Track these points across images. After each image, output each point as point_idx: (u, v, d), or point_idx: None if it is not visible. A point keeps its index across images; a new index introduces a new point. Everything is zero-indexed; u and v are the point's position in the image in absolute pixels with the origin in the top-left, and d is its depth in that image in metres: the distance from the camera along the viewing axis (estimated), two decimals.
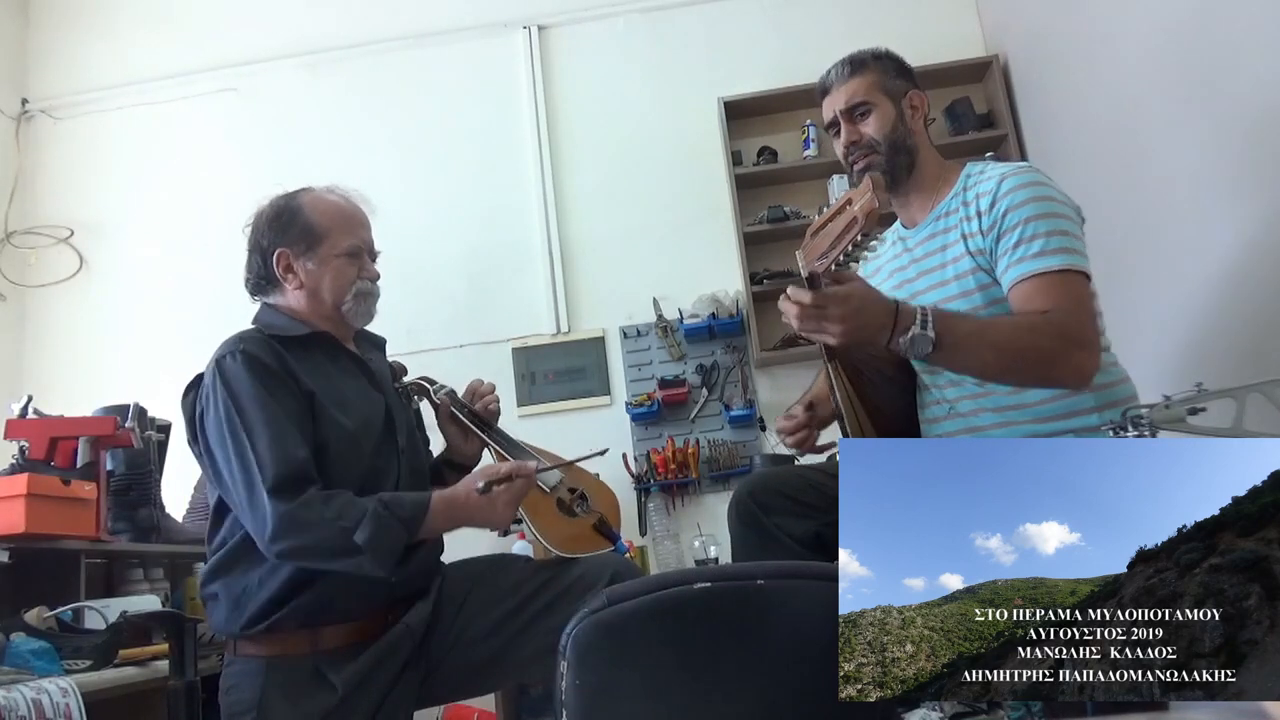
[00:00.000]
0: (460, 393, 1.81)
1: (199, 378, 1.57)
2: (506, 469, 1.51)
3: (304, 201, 1.69)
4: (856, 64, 1.68)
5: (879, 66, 1.68)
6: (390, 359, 1.85)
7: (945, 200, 1.63)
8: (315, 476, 1.47)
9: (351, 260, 1.67)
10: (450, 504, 1.50)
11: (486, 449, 1.78)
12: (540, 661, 1.48)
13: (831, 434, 1.78)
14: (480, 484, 1.46)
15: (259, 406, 1.47)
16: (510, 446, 1.76)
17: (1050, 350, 1.38)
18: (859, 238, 1.24)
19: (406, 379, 1.82)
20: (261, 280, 1.69)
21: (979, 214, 1.54)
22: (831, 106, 1.69)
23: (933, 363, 1.41)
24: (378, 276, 1.72)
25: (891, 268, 1.74)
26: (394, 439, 1.65)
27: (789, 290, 1.35)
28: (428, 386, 1.81)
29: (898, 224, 1.76)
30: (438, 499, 1.49)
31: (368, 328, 1.81)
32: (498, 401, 1.82)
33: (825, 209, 1.36)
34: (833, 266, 1.31)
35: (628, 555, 1.92)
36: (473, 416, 1.76)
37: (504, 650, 1.55)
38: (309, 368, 1.58)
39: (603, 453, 1.72)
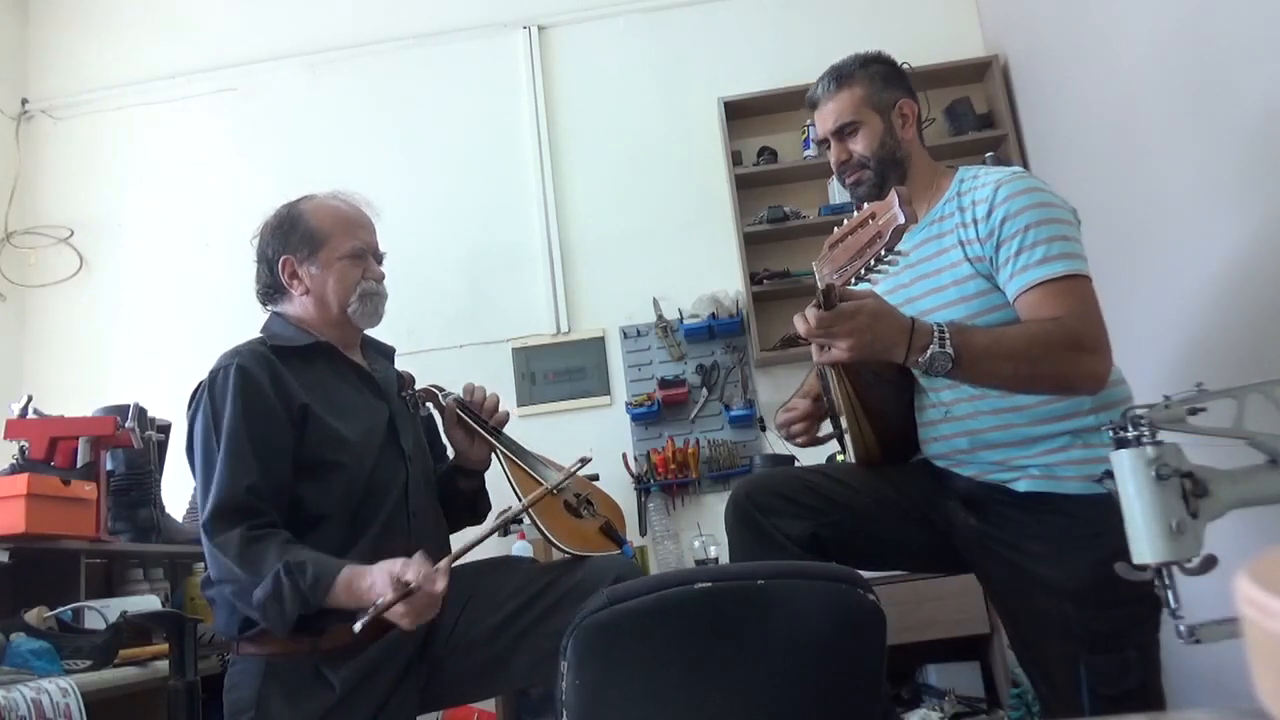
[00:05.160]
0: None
1: (200, 386, 1.59)
2: (412, 575, 1.35)
3: (305, 208, 1.70)
4: (843, 77, 1.65)
5: (866, 77, 1.65)
6: (397, 368, 1.86)
7: (939, 206, 1.62)
8: (260, 507, 1.48)
9: (355, 262, 1.68)
10: (353, 586, 1.40)
11: (494, 453, 1.79)
12: (542, 665, 1.47)
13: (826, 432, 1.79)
14: (356, 627, 1.31)
15: (231, 429, 1.49)
16: (520, 454, 1.78)
17: (1063, 357, 1.37)
18: (881, 253, 1.21)
19: (416, 388, 1.82)
20: (269, 289, 1.72)
21: (975, 221, 1.53)
22: (821, 125, 1.68)
23: (951, 379, 1.39)
24: (382, 277, 1.73)
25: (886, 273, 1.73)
26: (398, 447, 1.66)
27: (802, 313, 1.31)
28: (436, 392, 1.82)
29: None
30: (344, 576, 1.40)
31: (376, 335, 1.83)
32: (497, 401, 1.83)
33: (846, 220, 1.33)
34: (852, 280, 1.27)
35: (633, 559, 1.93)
36: (481, 422, 1.77)
37: (506, 653, 1.54)
38: (308, 379, 1.59)
39: (584, 462, 1.74)
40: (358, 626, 1.31)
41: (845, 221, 1.33)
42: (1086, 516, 1.43)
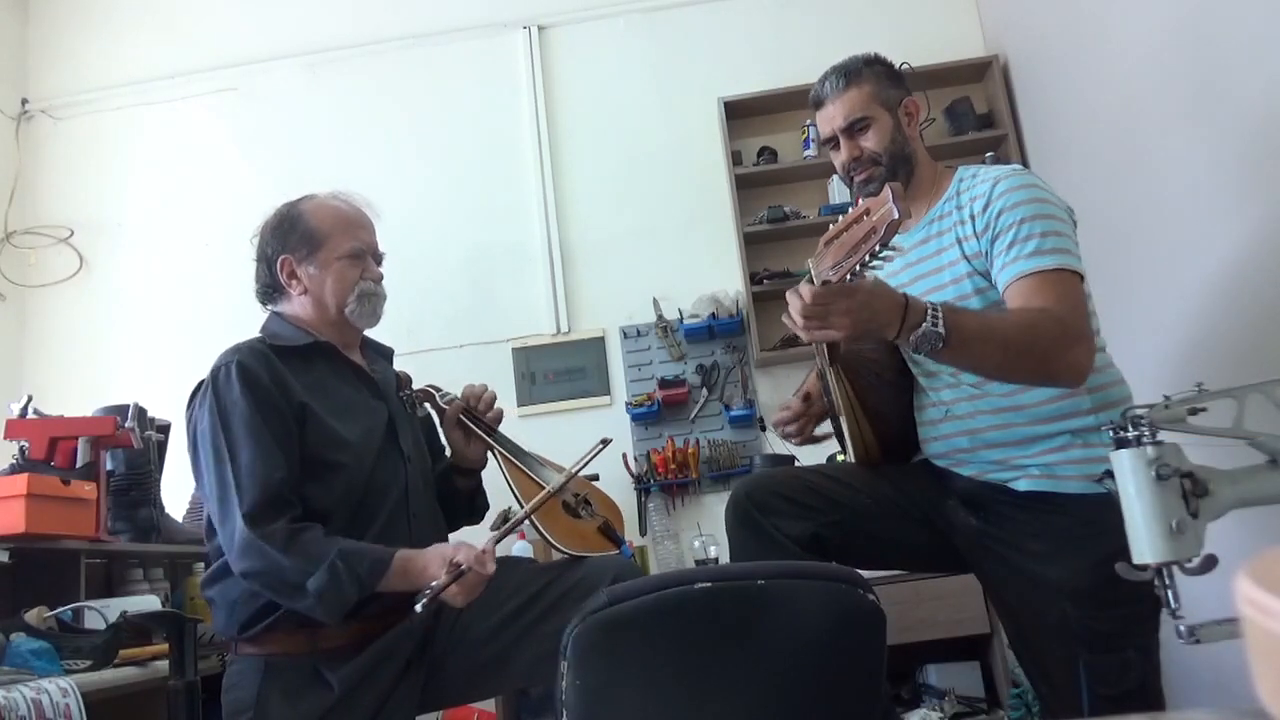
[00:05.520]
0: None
1: (200, 385, 1.59)
2: (463, 558, 1.42)
3: (305, 208, 1.71)
4: (851, 74, 1.65)
5: (873, 75, 1.65)
6: (395, 368, 1.86)
7: (939, 204, 1.63)
8: (293, 500, 1.49)
9: (353, 262, 1.68)
10: (407, 570, 1.46)
11: (491, 453, 1.79)
12: (542, 665, 1.47)
13: (825, 431, 1.79)
14: (418, 606, 1.38)
15: (245, 424, 1.49)
16: (518, 453, 1.78)
17: (1050, 346, 1.37)
18: (876, 248, 1.21)
19: (414, 388, 1.83)
20: (269, 289, 1.72)
21: (973, 217, 1.53)
22: (829, 123, 1.66)
23: (937, 359, 1.39)
24: (381, 278, 1.73)
25: (885, 271, 1.73)
26: (398, 448, 1.66)
27: (796, 289, 1.31)
28: (434, 393, 1.82)
29: None
30: (398, 560, 1.46)
31: (375, 336, 1.83)
32: (494, 398, 1.83)
33: (841, 218, 1.32)
34: (848, 276, 1.27)
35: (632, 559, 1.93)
36: (478, 423, 1.77)
37: (506, 652, 1.54)
38: (308, 379, 1.60)
39: (606, 444, 1.74)
40: (418, 607, 1.38)
41: (840, 218, 1.33)
42: (1086, 516, 1.43)
